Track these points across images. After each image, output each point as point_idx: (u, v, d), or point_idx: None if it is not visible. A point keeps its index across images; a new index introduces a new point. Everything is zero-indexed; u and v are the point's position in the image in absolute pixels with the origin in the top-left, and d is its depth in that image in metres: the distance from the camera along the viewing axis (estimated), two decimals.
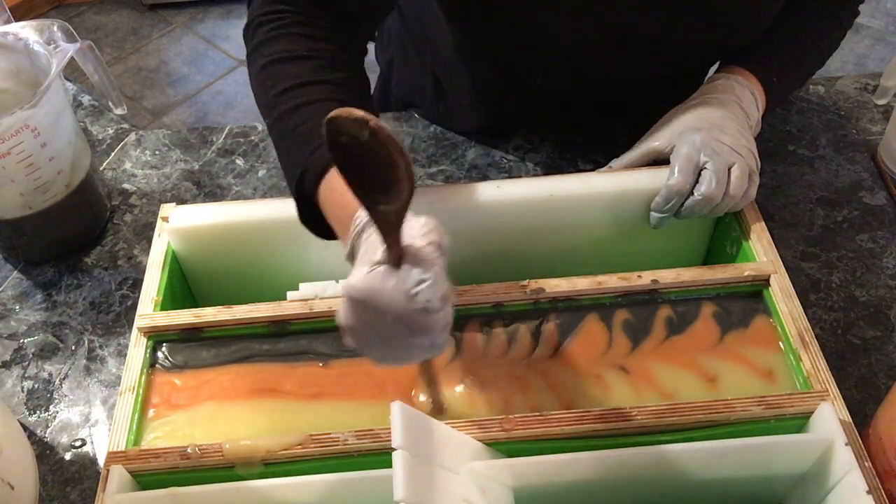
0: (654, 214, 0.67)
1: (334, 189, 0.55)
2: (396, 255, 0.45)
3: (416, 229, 0.47)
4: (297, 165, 0.58)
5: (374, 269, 0.45)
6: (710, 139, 0.66)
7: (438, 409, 0.58)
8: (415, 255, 0.45)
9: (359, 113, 0.38)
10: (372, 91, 1.07)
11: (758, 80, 0.74)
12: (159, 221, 0.68)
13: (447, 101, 0.90)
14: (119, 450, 0.55)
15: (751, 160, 0.67)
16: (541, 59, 0.78)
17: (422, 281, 0.44)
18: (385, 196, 0.42)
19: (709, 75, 0.78)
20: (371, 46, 1.00)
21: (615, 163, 0.73)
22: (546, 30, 0.73)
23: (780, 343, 0.60)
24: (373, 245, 0.47)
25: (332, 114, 0.38)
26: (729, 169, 0.65)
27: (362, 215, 0.50)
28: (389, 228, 0.44)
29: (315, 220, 0.58)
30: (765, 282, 0.63)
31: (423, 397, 0.58)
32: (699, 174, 0.65)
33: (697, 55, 0.80)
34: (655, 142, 0.70)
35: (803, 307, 0.61)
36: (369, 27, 0.69)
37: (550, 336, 0.61)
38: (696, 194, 0.65)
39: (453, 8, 0.75)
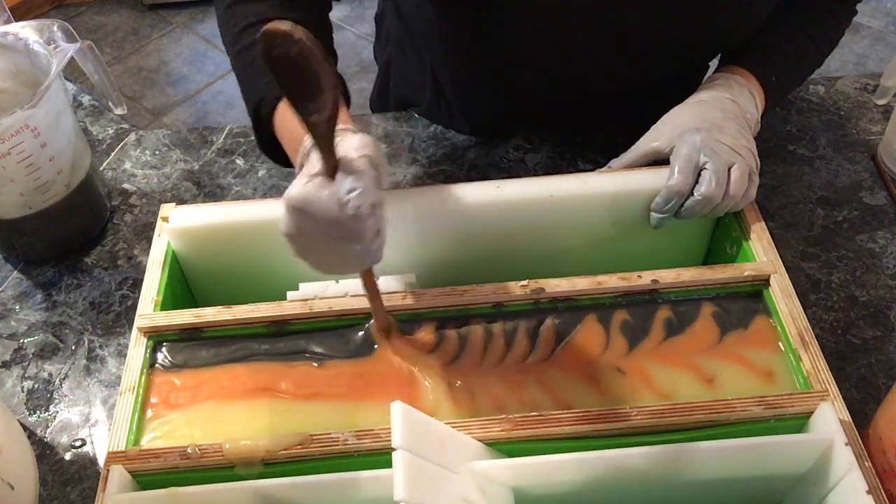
0: (654, 215, 0.67)
1: (288, 116, 0.60)
2: (331, 167, 0.49)
3: (353, 144, 0.51)
4: (254, 95, 0.64)
5: (311, 179, 0.49)
6: (709, 139, 0.66)
7: (384, 324, 0.60)
8: (348, 165, 0.49)
9: (285, 26, 0.41)
10: (371, 91, 1.07)
11: (757, 80, 0.74)
12: (159, 221, 0.68)
13: (447, 101, 0.90)
14: (119, 450, 0.55)
15: (751, 160, 0.66)
16: (532, 58, 0.78)
17: (353, 189, 0.48)
18: (314, 107, 0.45)
19: (707, 75, 0.78)
20: (369, 47, 1.00)
21: (615, 163, 0.73)
22: (537, 28, 0.73)
23: (780, 343, 0.60)
24: (313, 159, 0.50)
25: (263, 28, 0.42)
26: (729, 169, 0.65)
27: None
28: (321, 140, 0.47)
29: (274, 148, 0.64)
30: (765, 282, 0.63)
31: (373, 320, 0.61)
32: (699, 174, 0.65)
33: (692, 54, 0.80)
34: (655, 142, 0.70)
35: (803, 307, 0.61)
36: None
37: (550, 336, 0.61)
38: (695, 195, 0.65)
39: (443, 6, 0.75)
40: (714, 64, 0.82)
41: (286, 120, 0.62)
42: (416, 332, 0.61)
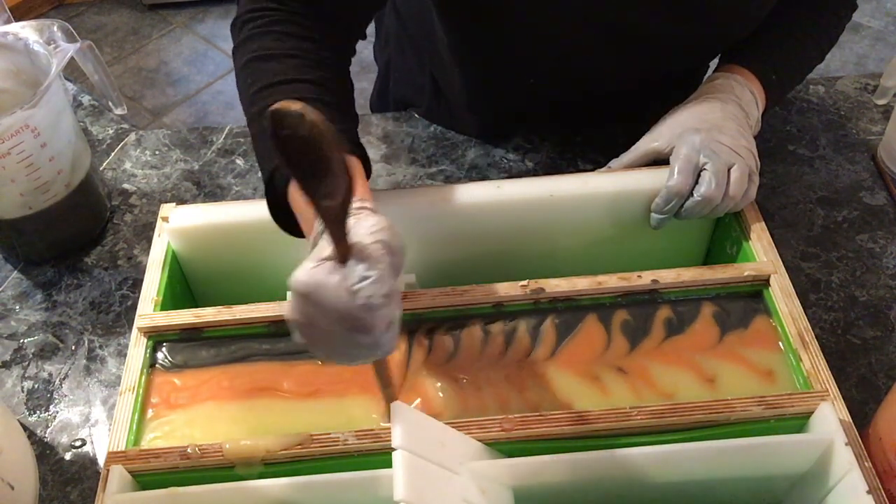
0: (654, 215, 0.67)
1: None
2: (343, 252, 0.45)
3: (367, 228, 0.48)
4: (268, 162, 0.59)
5: (321, 264, 0.46)
6: (709, 140, 0.66)
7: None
8: (361, 251, 0.46)
9: (296, 105, 0.38)
10: (371, 91, 1.07)
11: (757, 79, 0.74)
12: (159, 221, 0.68)
13: (446, 101, 0.90)
14: (119, 450, 0.55)
15: (750, 160, 0.66)
16: (532, 59, 0.78)
17: (365, 277, 0.45)
18: (326, 190, 0.42)
19: (708, 74, 0.78)
20: (369, 47, 1.00)
21: (615, 163, 0.73)
22: (537, 29, 0.73)
23: (780, 343, 0.60)
24: (323, 242, 0.47)
25: (273, 106, 0.39)
26: (728, 170, 0.65)
27: None
28: (333, 224, 0.44)
29: (287, 219, 0.59)
30: (765, 282, 0.63)
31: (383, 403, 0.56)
32: (699, 175, 0.65)
33: (692, 54, 0.80)
34: (655, 142, 0.70)
35: (803, 307, 0.61)
36: (357, 27, 0.69)
37: (550, 336, 0.61)
38: (695, 195, 0.65)
39: (445, 6, 0.75)
40: (714, 64, 0.82)
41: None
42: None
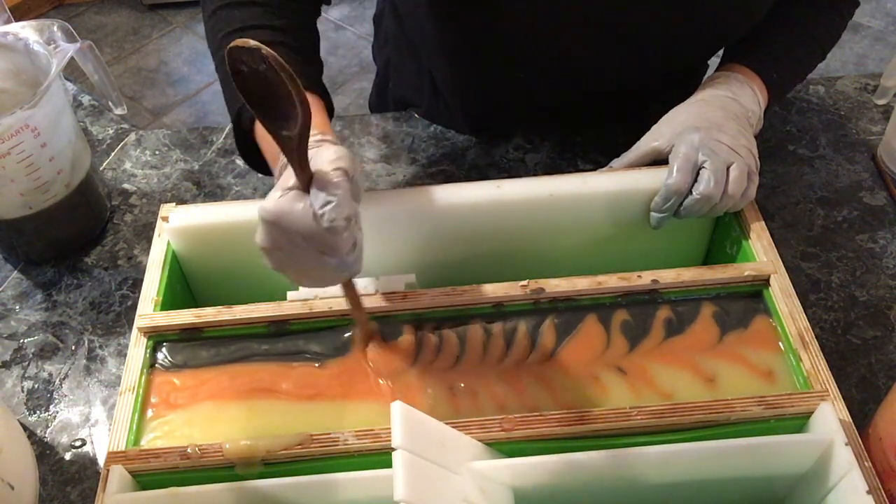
0: (653, 214, 0.67)
1: None
2: (305, 180, 0.49)
3: (327, 157, 0.51)
4: (235, 103, 0.64)
5: (286, 193, 0.50)
6: (708, 138, 0.66)
7: (366, 333, 0.60)
8: (322, 179, 0.49)
9: (253, 43, 0.42)
10: (369, 92, 1.07)
11: (758, 77, 0.74)
12: (159, 221, 0.68)
13: (445, 101, 0.90)
14: (119, 450, 0.55)
15: (750, 160, 0.66)
16: (529, 58, 0.78)
17: (327, 202, 0.48)
18: (285, 122, 0.46)
19: (708, 74, 0.78)
20: (369, 47, 1.01)
21: (616, 162, 0.73)
22: (533, 28, 0.73)
23: (780, 343, 0.60)
24: (287, 173, 0.50)
25: (231, 44, 0.42)
26: (728, 168, 0.65)
27: None
28: (294, 154, 0.47)
29: (255, 156, 0.64)
30: (765, 282, 0.63)
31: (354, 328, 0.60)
32: (697, 174, 0.65)
33: (690, 52, 0.80)
34: (655, 141, 0.70)
35: (803, 307, 0.61)
36: None
37: (550, 336, 0.61)
38: (694, 193, 0.65)
39: (437, 5, 0.75)
40: (714, 62, 0.82)
41: None
42: (403, 336, 0.60)
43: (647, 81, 0.83)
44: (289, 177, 0.50)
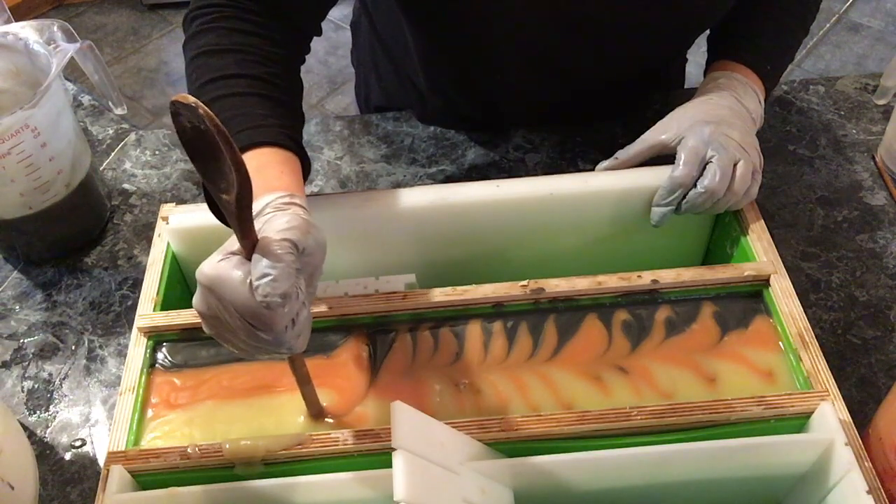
0: (655, 210, 0.67)
1: None
2: (249, 247, 0.46)
3: (277, 225, 0.48)
4: None
5: (227, 257, 0.46)
6: (718, 133, 0.66)
7: (316, 412, 0.57)
8: (265, 248, 0.46)
9: (191, 99, 0.40)
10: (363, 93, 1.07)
11: (754, 73, 0.74)
12: (159, 222, 0.68)
13: (429, 103, 0.90)
14: (119, 450, 0.55)
15: (755, 158, 0.67)
16: (502, 56, 0.78)
17: (264, 275, 0.45)
18: (225, 185, 0.43)
19: (707, 72, 0.78)
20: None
21: (621, 153, 0.72)
22: (503, 24, 0.73)
23: (780, 343, 0.60)
24: (234, 237, 0.47)
25: (173, 98, 0.40)
26: (734, 165, 0.65)
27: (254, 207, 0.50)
28: (233, 218, 0.44)
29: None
30: (765, 282, 0.63)
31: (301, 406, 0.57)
32: (704, 168, 0.65)
33: (662, 42, 0.80)
34: (663, 134, 0.69)
35: (803, 307, 0.61)
36: (311, 23, 0.69)
37: (550, 336, 0.61)
38: (699, 187, 0.65)
39: (408, 7, 0.75)
40: (699, 59, 0.82)
41: None
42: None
43: (627, 75, 0.83)
44: (234, 241, 0.47)
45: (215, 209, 0.56)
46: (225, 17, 0.63)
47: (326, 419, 0.57)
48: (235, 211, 0.44)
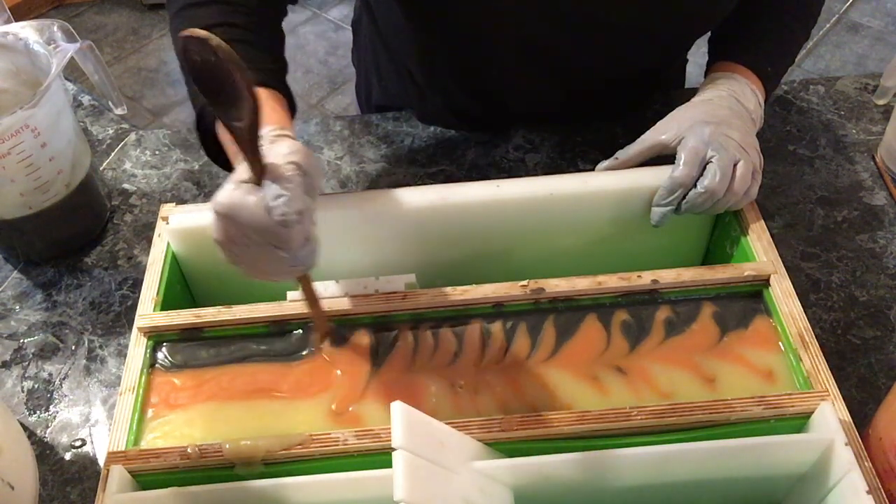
0: (655, 209, 0.67)
1: None
2: (258, 173, 0.49)
3: (282, 150, 0.51)
4: (197, 99, 0.64)
5: (239, 186, 0.49)
6: (718, 133, 0.66)
7: (323, 331, 0.60)
8: (274, 172, 0.49)
9: (202, 33, 0.42)
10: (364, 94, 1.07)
11: (754, 74, 0.74)
12: (159, 222, 0.68)
13: (431, 101, 0.90)
14: (119, 450, 0.55)
15: (755, 158, 0.67)
16: (503, 56, 0.78)
17: (279, 196, 0.48)
18: (236, 113, 0.46)
19: (707, 73, 0.78)
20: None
21: (621, 153, 0.72)
22: (504, 24, 0.73)
23: (780, 343, 0.60)
24: (241, 166, 0.50)
25: (182, 34, 0.42)
26: (734, 165, 0.65)
27: None
28: (245, 146, 0.48)
29: (217, 152, 0.64)
30: (765, 282, 0.63)
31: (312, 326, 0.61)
32: (704, 168, 0.65)
33: (663, 42, 0.80)
34: (662, 135, 0.69)
35: (803, 307, 0.61)
36: None
37: (550, 336, 0.61)
38: (699, 187, 0.65)
39: (409, 5, 0.76)
40: (699, 60, 0.82)
41: None
42: (359, 337, 0.61)
43: (627, 75, 0.83)
44: (243, 170, 0.50)
45: (213, 155, 0.64)
46: None
47: (329, 343, 0.60)
48: (248, 136, 0.47)
